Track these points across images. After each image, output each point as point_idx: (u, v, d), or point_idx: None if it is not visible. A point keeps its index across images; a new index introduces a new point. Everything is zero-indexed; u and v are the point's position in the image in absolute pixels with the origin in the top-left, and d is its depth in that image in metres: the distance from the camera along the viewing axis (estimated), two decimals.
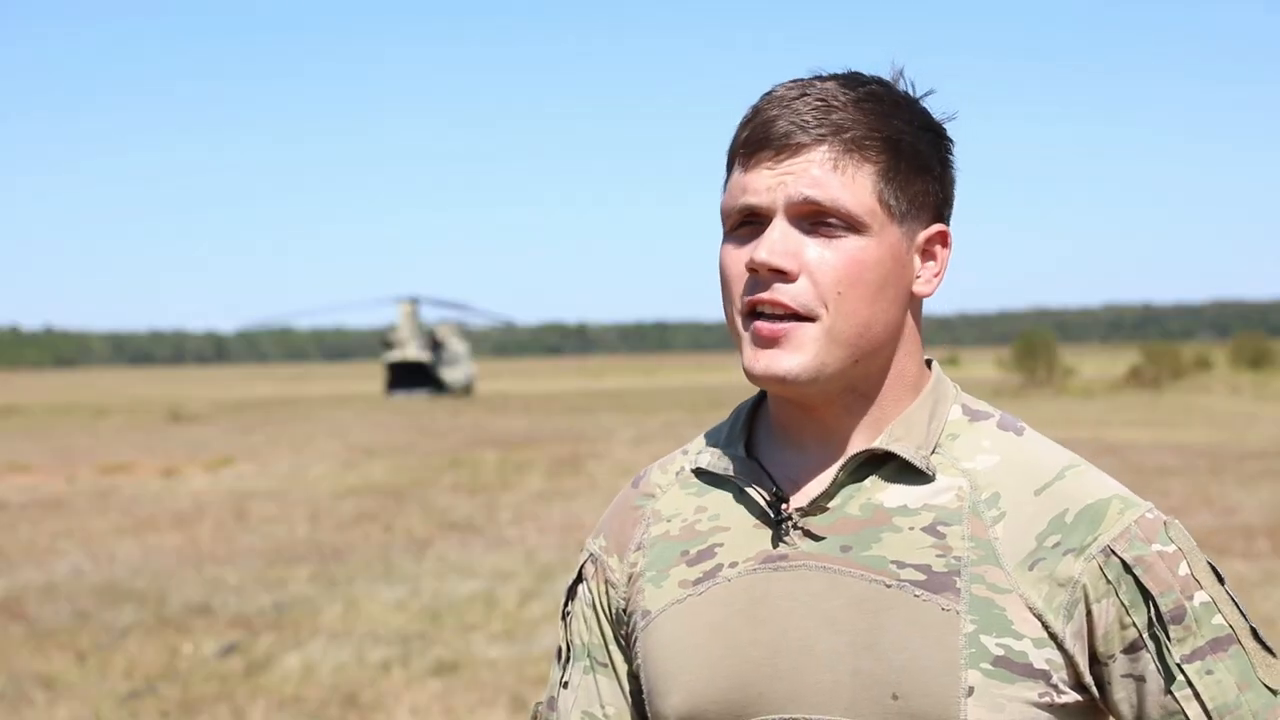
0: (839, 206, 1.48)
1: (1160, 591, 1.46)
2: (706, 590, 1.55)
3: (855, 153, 1.49)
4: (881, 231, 1.49)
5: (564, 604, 1.70)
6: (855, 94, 1.51)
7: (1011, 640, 1.45)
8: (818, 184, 1.48)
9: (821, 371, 1.49)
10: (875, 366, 1.53)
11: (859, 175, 1.48)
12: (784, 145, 1.49)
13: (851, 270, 1.48)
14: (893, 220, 1.50)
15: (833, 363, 1.49)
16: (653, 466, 1.69)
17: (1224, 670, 1.46)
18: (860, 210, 1.48)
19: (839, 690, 1.47)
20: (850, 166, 1.48)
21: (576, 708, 1.65)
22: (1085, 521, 1.48)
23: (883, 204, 1.49)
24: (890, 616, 1.47)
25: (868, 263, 1.49)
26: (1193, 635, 1.46)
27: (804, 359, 1.48)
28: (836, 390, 1.52)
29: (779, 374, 1.49)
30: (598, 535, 1.68)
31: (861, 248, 1.49)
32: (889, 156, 1.50)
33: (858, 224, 1.48)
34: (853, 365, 1.51)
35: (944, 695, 1.44)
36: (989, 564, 1.47)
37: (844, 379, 1.52)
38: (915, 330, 1.57)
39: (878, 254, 1.49)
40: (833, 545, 1.51)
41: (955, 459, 1.53)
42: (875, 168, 1.49)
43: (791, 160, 1.49)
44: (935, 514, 1.50)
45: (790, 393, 1.52)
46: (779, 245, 1.48)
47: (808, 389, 1.50)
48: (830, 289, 1.48)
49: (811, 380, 1.49)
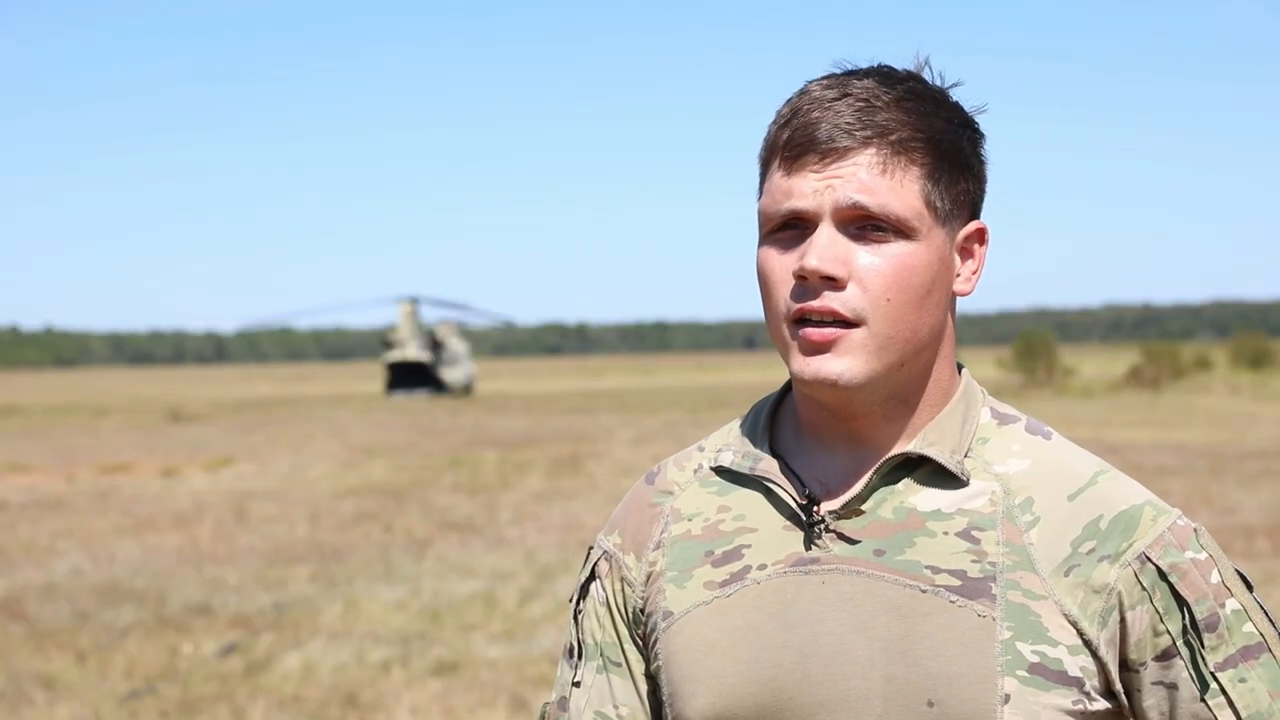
0: (889, 212, 1.46)
1: (1195, 599, 1.46)
2: (735, 592, 1.53)
3: (902, 155, 1.47)
4: (929, 235, 1.48)
5: (575, 601, 1.67)
6: (895, 92, 1.49)
7: (1047, 647, 1.44)
8: (866, 189, 1.46)
9: (871, 377, 1.48)
10: (918, 370, 1.52)
11: (906, 179, 1.47)
12: (830, 149, 1.47)
13: (901, 276, 1.47)
14: (938, 222, 1.49)
15: (881, 368, 1.48)
16: (667, 462, 1.66)
17: (1256, 678, 1.46)
18: (909, 215, 1.47)
19: (871, 697, 1.46)
20: (898, 170, 1.47)
21: (589, 707, 1.62)
22: (1120, 528, 1.47)
23: (929, 206, 1.48)
24: (925, 622, 1.45)
25: (916, 268, 1.47)
26: (1225, 643, 1.46)
27: (855, 364, 1.47)
28: (880, 397, 1.51)
29: (831, 379, 1.47)
30: (611, 532, 1.65)
31: (910, 253, 1.47)
32: (934, 158, 1.48)
33: (907, 229, 1.47)
34: (899, 370, 1.50)
35: (980, 703, 1.43)
36: (1024, 570, 1.46)
37: (889, 384, 1.50)
38: (952, 332, 1.56)
39: (926, 258, 1.48)
40: (866, 549, 1.49)
41: (987, 463, 1.52)
42: (921, 170, 1.47)
43: (838, 164, 1.47)
44: (969, 519, 1.49)
45: (840, 398, 1.50)
46: (828, 252, 1.46)
47: (857, 394, 1.49)
48: (880, 296, 1.46)
49: (862, 385, 1.48)
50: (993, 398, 1.59)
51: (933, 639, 1.45)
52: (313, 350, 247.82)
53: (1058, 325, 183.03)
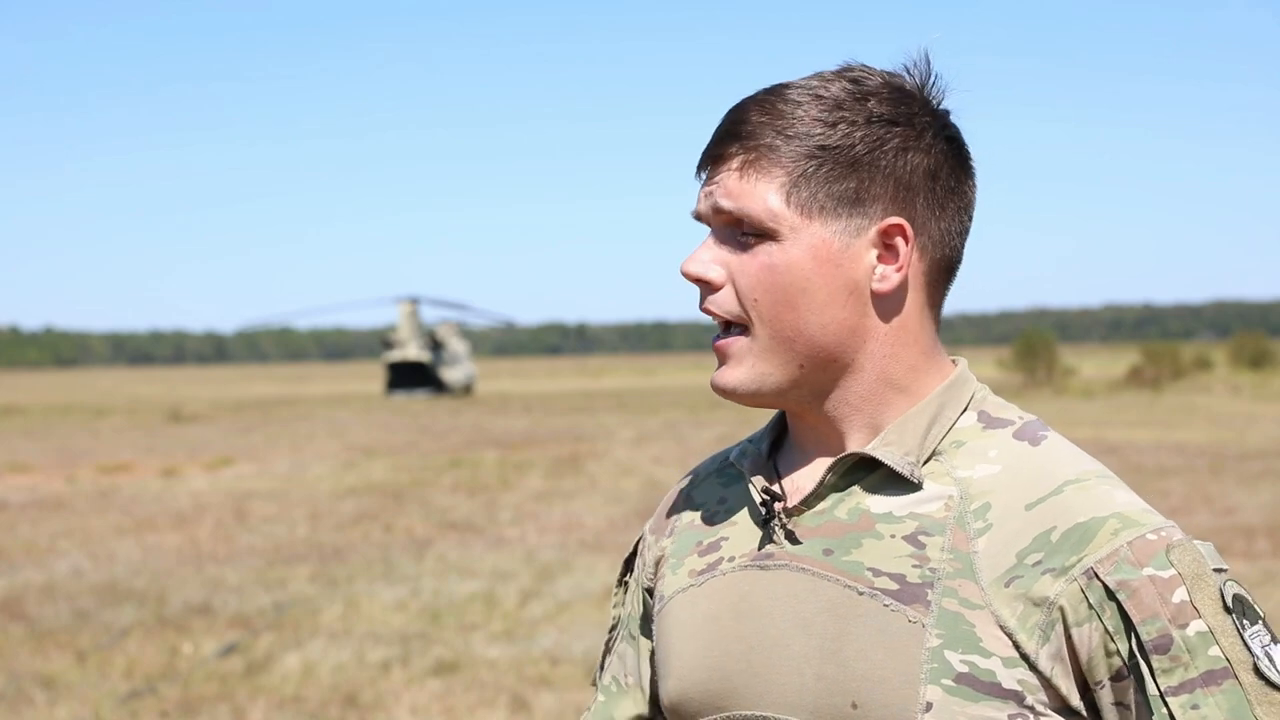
0: (746, 214, 1.48)
1: (1142, 619, 1.39)
2: (706, 582, 1.57)
3: (762, 159, 1.48)
4: (795, 234, 1.47)
5: (621, 574, 1.76)
6: (797, 92, 1.49)
7: (979, 658, 1.41)
8: (729, 193, 1.49)
9: (763, 382, 1.50)
10: (833, 370, 1.51)
11: (762, 180, 1.48)
12: (714, 154, 1.52)
13: (764, 276, 1.48)
14: (811, 220, 1.47)
15: (773, 371, 1.49)
16: (717, 454, 1.72)
17: (1213, 706, 1.38)
18: (764, 216, 1.47)
19: (804, 693, 1.47)
20: (754, 173, 1.48)
21: (608, 672, 1.72)
22: (1071, 541, 1.42)
23: (794, 205, 1.47)
24: (858, 624, 1.45)
25: (779, 267, 1.47)
26: (1182, 666, 1.39)
27: (741, 372, 1.50)
28: (803, 397, 1.52)
29: (723, 388, 1.52)
30: (654, 515, 1.73)
31: (770, 253, 1.48)
32: (806, 156, 1.48)
33: (765, 230, 1.48)
34: (799, 370, 1.49)
35: (901, 708, 1.42)
36: (964, 578, 1.44)
37: (802, 386, 1.51)
38: (896, 330, 1.52)
39: (791, 257, 1.47)
40: (816, 548, 1.50)
41: (953, 467, 1.49)
42: (785, 170, 1.48)
43: (716, 169, 1.51)
44: (919, 523, 1.47)
45: (747, 403, 1.53)
46: (701, 255, 1.51)
47: (760, 400, 1.51)
48: (747, 296, 1.49)
49: (753, 392, 1.51)
50: (995, 399, 1.56)
51: (862, 641, 1.45)
52: (313, 350, 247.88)
53: (1058, 325, 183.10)
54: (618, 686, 1.70)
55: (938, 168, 1.51)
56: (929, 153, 1.51)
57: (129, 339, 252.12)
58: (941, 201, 1.52)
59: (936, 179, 1.51)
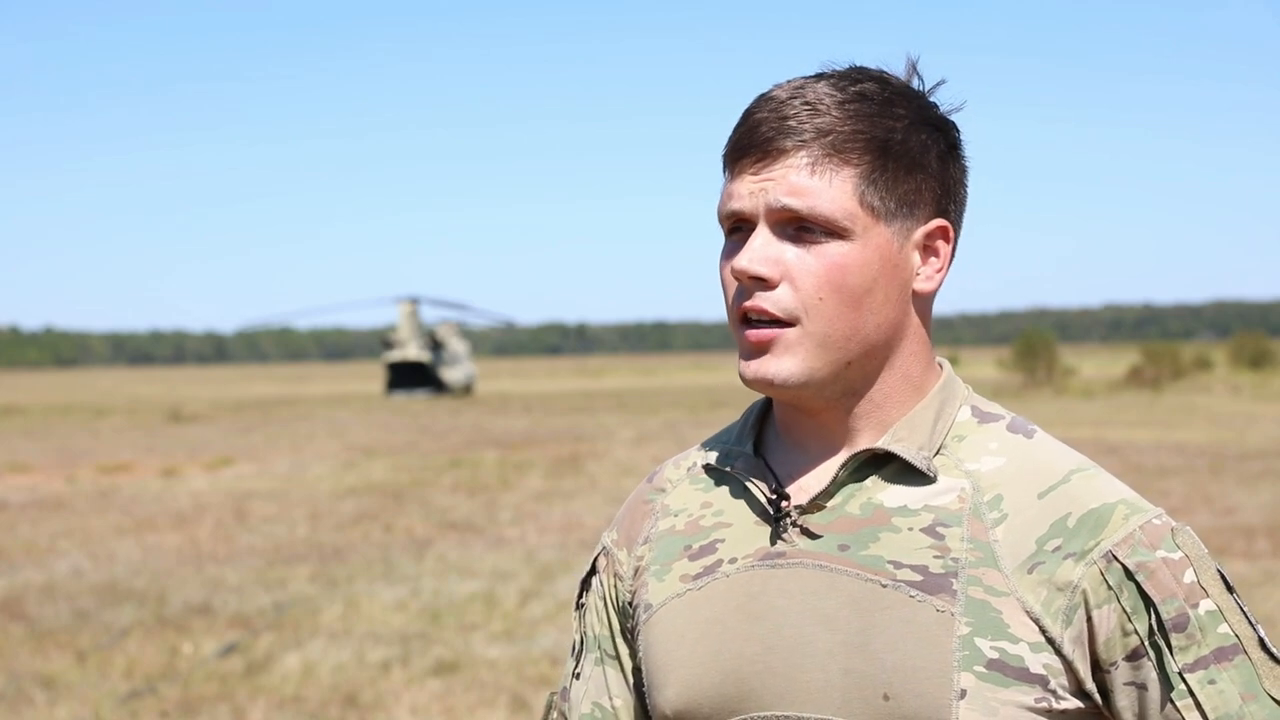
0: (816, 214, 1.48)
1: (1162, 599, 1.45)
2: (706, 585, 1.56)
3: (835, 156, 1.48)
4: (865, 234, 1.49)
5: (579, 596, 1.72)
6: (843, 95, 1.50)
7: (1007, 644, 1.44)
8: (795, 191, 1.48)
9: (811, 376, 1.50)
10: (872, 368, 1.53)
11: (837, 179, 1.48)
12: (765, 151, 1.50)
13: (833, 276, 1.48)
14: (879, 221, 1.49)
15: (822, 367, 1.50)
16: (668, 462, 1.71)
17: (1227, 680, 1.44)
18: (839, 215, 1.48)
19: (830, 689, 1.47)
20: (829, 171, 1.48)
21: (587, 698, 1.67)
22: (1088, 526, 1.47)
23: (865, 206, 1.49)
24: (885, 616, 1.46)
25: (850, 267, 1.48)
26: (1196, 644, 1.45)
27: (791, 364, 1.49)
28: (835, 394, 1.53)
29: (767, 379, 1.50)
30: (612, 529, 1.70)
31: (843, 252, 1.48)
32: (873, 157, 1.49)
33: (837, 229, 1.48)
34: (845, 368, 1.51)
35: (935, 697, 1.44)
36: (987, 566, 1.47)
37: (839, 382, 1.52)
38: (921, 329, 1.56)
39: (861, 258, 1.49)
40: (830, 544, 1.51)
41: (960, 460, 1.53)
42: (856, 170, 1.48)
43: (771, 167, 1.49)
44: (935, 515, 1.50)
45: (784, 397, 1.52)
46: (759, 253, 1.49)
47: (800, 393, 1.51)
48: (811, 295, 1.48)
49: (801, 385, 1.50)
50: (978, 395, 1.60)
51: (890, 633, 1.46)
52: (313, 350, 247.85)
53: (1058, 325, 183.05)
54: (602, 712, 1.66)
55: (962, 174, 1.57)
56: (958, 158, 1.56)
57: (129, 339, 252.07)
58: (961, 206, 1.57)
59: (962, 185, 1.57)
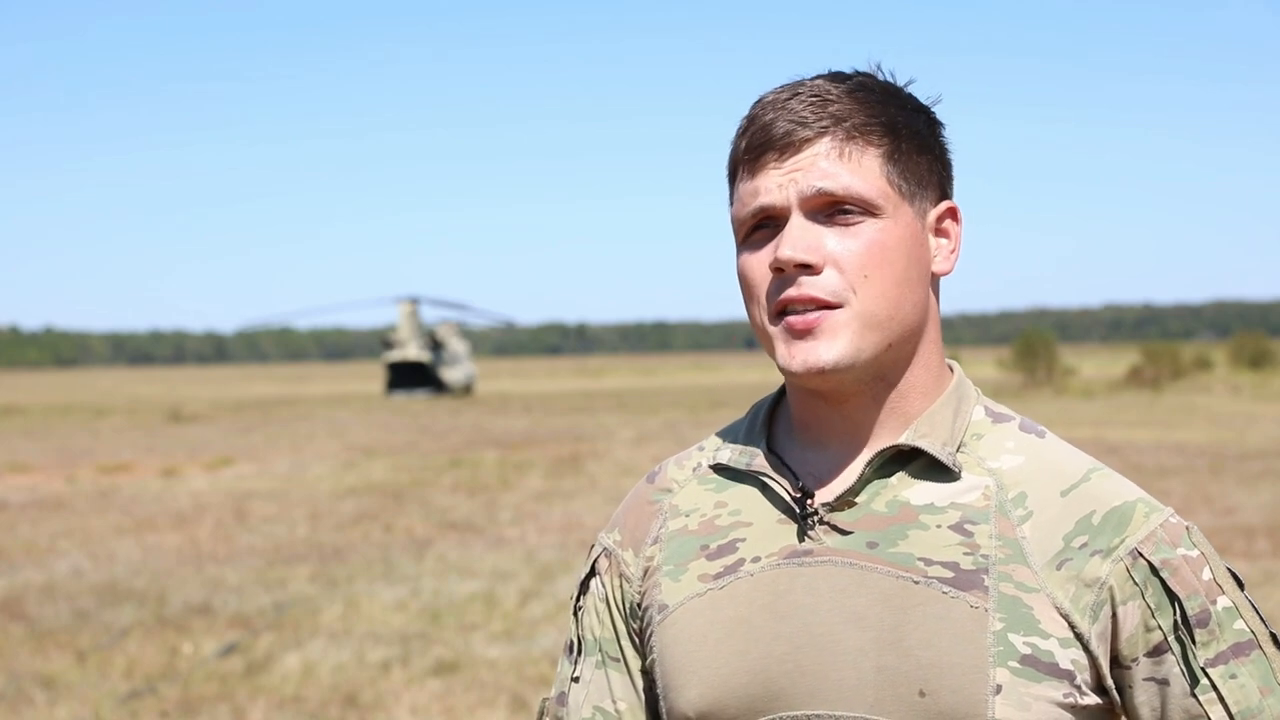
0: (853, 193, 1.49)
1: (1187, 595, 1.47)
2: (728, 584, 1.54)
3: (858, 138, 1.50)
4: (896, 212, 1.51)
5: (575, 598, 1.69)
6: (845, 85, 1.53)
7: (1039, 639, 1.45)
8: (827, 175, 1.49)
9: (858, 357, 1.49)
10: (905, 353, 1.54)
11: (865, 159, 1.50)
12: (787, 143, 1.50)
13: (875, 253, 1.49)
14: (904, 200, 1.51)
15: (868, 347, 1.50)
16: (668, 462, 1.69)
17: (1247, 675, 1.47)
18: (873, 193, 1.49)
19: (863, 687, 1.47)
20: (855, 152, 1.50)
21: (588, 702, 1.64)
22: (1112, 523, 1.48)
23: (892, 185, 1.51)
24: (917, 613, 1.47)
25: (889, 243, 1.50)
26: (1216, 640, 1.47)
27: (841, 345, 1.49)
28: (868, 378, 1.53)
29: (818, 365, 1.49)
30: (612, 529, 1.68)
31: (881, 229, 1.50)
32: (890, 139, 1.51)
33: (873, 207, 1.49)
34: (886, 350, 1.51)
35: (972, 692, 1.44)
36: (1017, 563, 1.47)
37: (877, 365, 1.52)
38: (937, 313, 1.58)
39: (898, 234, 1.51)
40: (859, 541, 1.51)
41: (981, 458, 1.53)
42: (879, 150, 1.50)
43: (797, 156, 1.50)
44: (962, 512, 1.50)
45: (829, 383, 1.51)
46: (801, 241, 1.48)
47: (845, 376, 1.50)
48: (857, 274, 1.48)
49: (850, 366, 1.49)
50: (987, 397, 1.61)
51: (925, 629, 1.46)
52: (313, 350, 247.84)
53: (1058, 325, 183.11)
54: (604, 716, 1.63)
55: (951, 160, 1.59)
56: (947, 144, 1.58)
57: (129, 339, 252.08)
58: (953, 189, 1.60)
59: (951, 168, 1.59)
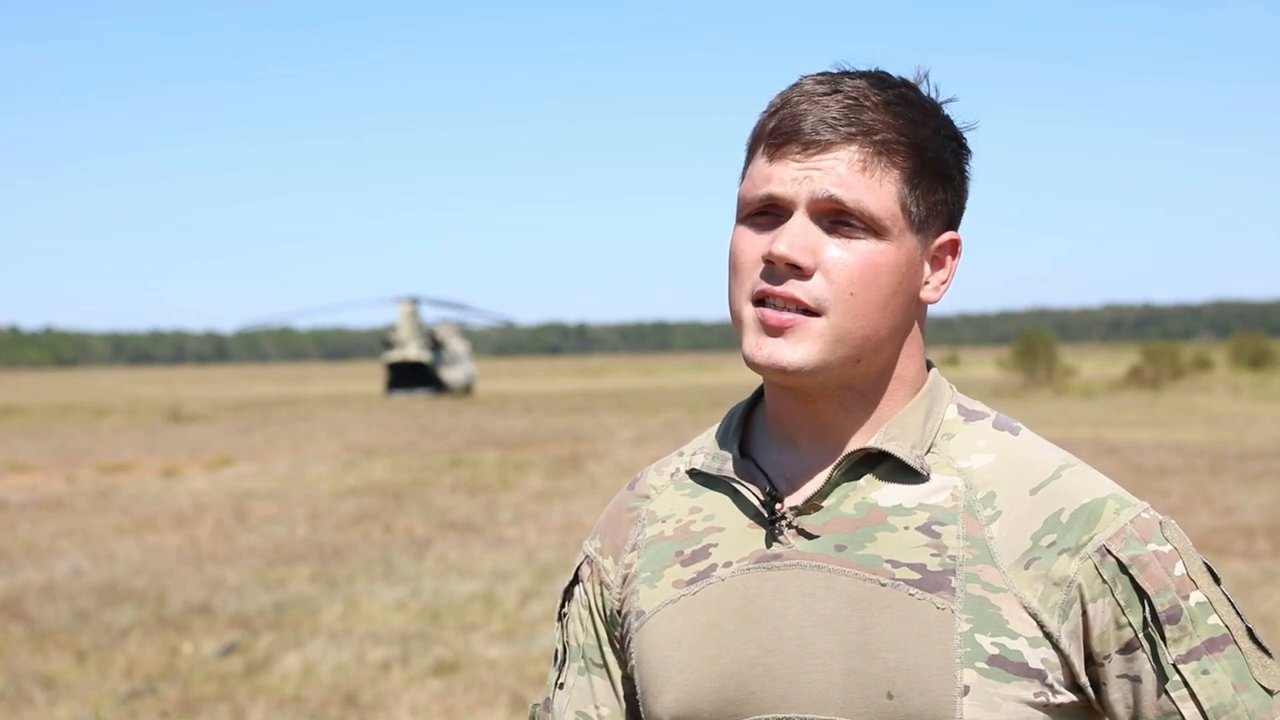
0: (863, 209, 1.48)
1: (1156, 591, 1.46)
2: (700, 590, 1.55)
3: (883, 156, 1.48)
4: (900, 237, 1.50)
5: (560, 605, 1.71)
6: (885, 95, 1.50)
7: (1007, 639, 1.45)
8: (844, 183, 1.48)
9: (823, 367, 1.49)
10: (875, 367, 1.53)
11: (885, 179, 1.48)
12: (812, 140, 1.49)
13: (867, 272, 1.48)
14: (911, 228, 1.50)
15: (835, 361, 1.49)
16: (649, 468, 1.69)
17: (1220, 670, 1.46)
18: (883, 214, 1.48)
19: (833, 689, 1.47)
20: (878, 170, 1.48)
21: (571, 708, 1.65)
22: (1081, 521, 1.48)
23: (904, 210, 1.50)
24: (885, 615, 1.47)
25: (883, 267, 1.49)
26: (1188, 635, 1.46)
27: (807, 352, 1.48)
28: (835, 386, 1.53)
29: (781, 365, 1.49)
30: (594, 537, 1.69)
31: (879, 251, 1.49)
32: (914, 164, 1.50)
33: (879, 228, 1.48)
34: (854, 365, 1.51)
35: (939, 694, 1.44)
36: (984, 563, 1.47)
37: (843, 376, 1.52)
38: (919, 334, 1.58)
39: (894, 260, 1.50)
40: (827, 544, 1.51)
41: (951, 458, 1.53)
42: (901, 173, 1.49)
43: (819, 156, 1.48)
44: (930, 513, 1.50)
45: (789, 383, 1.52)
46: (798, 240, 1.48)
47: (808, 380, 1.50)
48: (844, 289, 1.48)
49: (812, 373, 1.49)
50: (962, 394, 1.61)
51: (891, 632, 1.46)
52: (313, 350, 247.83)
53: (1058, 325, 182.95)
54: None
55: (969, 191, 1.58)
56: (968, 176, 1.57)
57: (129, 339, 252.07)
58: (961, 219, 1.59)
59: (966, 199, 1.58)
